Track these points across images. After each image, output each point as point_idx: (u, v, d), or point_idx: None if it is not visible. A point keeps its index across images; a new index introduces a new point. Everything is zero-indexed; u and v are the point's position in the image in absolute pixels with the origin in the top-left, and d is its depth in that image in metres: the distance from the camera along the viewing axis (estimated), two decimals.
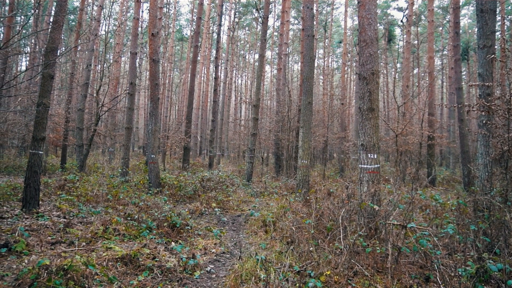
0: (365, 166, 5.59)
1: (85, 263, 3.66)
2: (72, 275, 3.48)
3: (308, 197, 7.82)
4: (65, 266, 3.52)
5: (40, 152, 7.55)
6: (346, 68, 32.34)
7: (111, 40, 34.37)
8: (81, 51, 24.71)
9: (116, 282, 3.72)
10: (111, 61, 28.00)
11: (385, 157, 30.00)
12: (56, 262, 3.63)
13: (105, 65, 20.30)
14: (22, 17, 24.54)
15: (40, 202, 8.57)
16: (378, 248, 4.37)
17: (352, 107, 29.99)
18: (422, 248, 4.28)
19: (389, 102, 34.45)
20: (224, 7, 36.85)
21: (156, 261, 4.45)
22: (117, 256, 4.36)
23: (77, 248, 4.90)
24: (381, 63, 36.32)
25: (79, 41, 16.49)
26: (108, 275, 3.82)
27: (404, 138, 13.19)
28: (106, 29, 36.86)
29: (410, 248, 4.50)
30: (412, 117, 14.78)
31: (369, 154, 5.56)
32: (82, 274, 3.56)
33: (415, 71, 34.86)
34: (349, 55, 34.08)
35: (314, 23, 29.69)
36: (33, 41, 24.52)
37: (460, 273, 3.85)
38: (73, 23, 31.91)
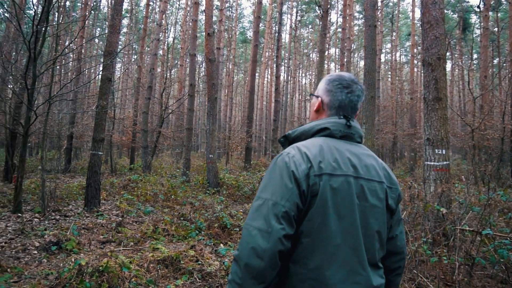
0: (432, 163, 4.93)
1: (120, 265, 3.54)
2: (107, 276, 3.36)
3: None
4: (101, 267, 3.42)
5: (100, 153, 7.78)
6: (415, 62, 30.34)
7: (179, 46, 35.65)
8: (149, 55, 25.77)
9: (152, 286, 3.55)
10: (178, 65, 28.93)
11: (462, 155, 27.66)
12: (93, 263, 3.54)
13: (168, 69, 20.90)
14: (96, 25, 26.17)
15: (104, 201, 8.88)
16: (446, 257, 3.76)
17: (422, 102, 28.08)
18: (502, 260, 3.60)
19: (465, 95, 31.71)
20: (285, 6, 36.53)
21: (198, 264, 4.23)
22: (159, 258, 4.22)
23: (123, 248, 4.86)
24: (456, 54, 33.65)
25: (145, 47, 17.13)
26: (146, 277, 3.67)
27: (482, 133, 11.87)
28: (173, 35, 38.35)
29: (487, 259, 3.83)
30: (491, 109, 13.27)
31: (436, 150, 4.89)
32: (117, 276, 3.43)
33: (495, 61, 31.74)
34: (418, 48, 31.96)
35: (380, 15, 28.24)
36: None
37: None
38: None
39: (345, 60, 21.51)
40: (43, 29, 6.96)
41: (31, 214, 6.95)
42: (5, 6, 12.45)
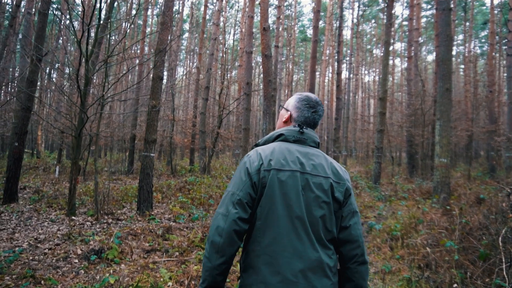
0: None
1: (153, 285, 3.06)
2: None
3: (448, 206, 6.19)
4: (131, 287, 2.97)
5: (152, 154, 7.52)
6: (493, 53, 27.45)
7: (238, 48, 35.69)
8: (208, 56, 25.89)
9: None
10: (237, 66, 28.84)
11: None
12: (124, 280, 3.11)
13: (227, 70, 20.74)
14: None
15: (158, 204, 8.67)
16: None
17: (503, 95, 25.28)
18: None
19: None
20: (347, 1, 35.06)
21: None
22: None
23: (166, 259, 4.43)
24: None
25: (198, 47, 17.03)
26: None
27: None
28: (233, 38, 38.53)
29: None
30: None
31: None
32: None
33: None
34: (497, 37, 28.92)
35: (452, 5, 25.93)
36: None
37: None
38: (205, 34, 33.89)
39: (413, 53, 19.92)
40: (94, 29, 6.84)
41: (84, 217, 6.84)
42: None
